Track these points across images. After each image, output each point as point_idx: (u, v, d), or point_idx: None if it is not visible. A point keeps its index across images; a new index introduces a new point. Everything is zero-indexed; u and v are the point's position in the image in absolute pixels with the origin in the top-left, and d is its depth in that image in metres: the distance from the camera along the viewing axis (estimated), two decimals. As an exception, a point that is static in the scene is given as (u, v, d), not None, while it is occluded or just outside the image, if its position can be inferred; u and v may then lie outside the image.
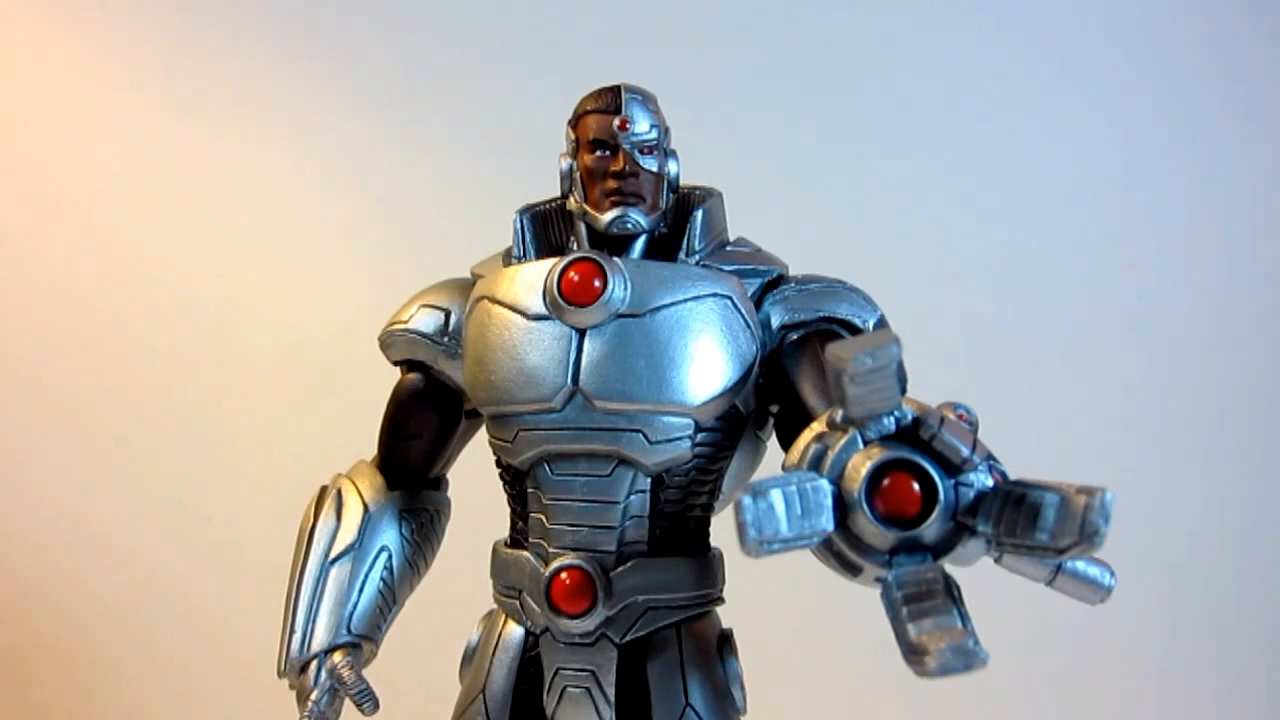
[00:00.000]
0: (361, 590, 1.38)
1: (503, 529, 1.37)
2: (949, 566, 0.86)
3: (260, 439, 2.74)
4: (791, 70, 2.80)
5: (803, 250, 1.38)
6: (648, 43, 2.77)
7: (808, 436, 0.93)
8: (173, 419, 2.77)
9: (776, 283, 1.32)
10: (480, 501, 1.50)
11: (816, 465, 0.89)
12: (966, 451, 0.85)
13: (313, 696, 1.31)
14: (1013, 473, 0.88)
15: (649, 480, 1.23)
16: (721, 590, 1.34)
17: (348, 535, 1.40)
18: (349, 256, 2.81)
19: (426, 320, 1.39)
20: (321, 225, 2.84)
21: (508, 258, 1.35)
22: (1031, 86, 2.79)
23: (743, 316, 1.25)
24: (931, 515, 0.84)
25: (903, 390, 0.87)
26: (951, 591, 0.82)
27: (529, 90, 2.66)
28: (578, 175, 1.31)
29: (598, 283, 1.22)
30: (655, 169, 1.30)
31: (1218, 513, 2.68)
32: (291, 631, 1.35)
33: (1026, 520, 0.81)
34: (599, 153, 1.30)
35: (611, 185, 1.28)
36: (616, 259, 1.25)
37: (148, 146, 2.85)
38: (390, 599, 1.41)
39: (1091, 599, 1.07)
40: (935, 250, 2.72)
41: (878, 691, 2.42)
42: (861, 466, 0.86)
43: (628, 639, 1.24)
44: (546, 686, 1.26)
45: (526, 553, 1.28)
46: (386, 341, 1.44)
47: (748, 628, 1.35)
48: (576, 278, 1.22)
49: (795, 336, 1.28)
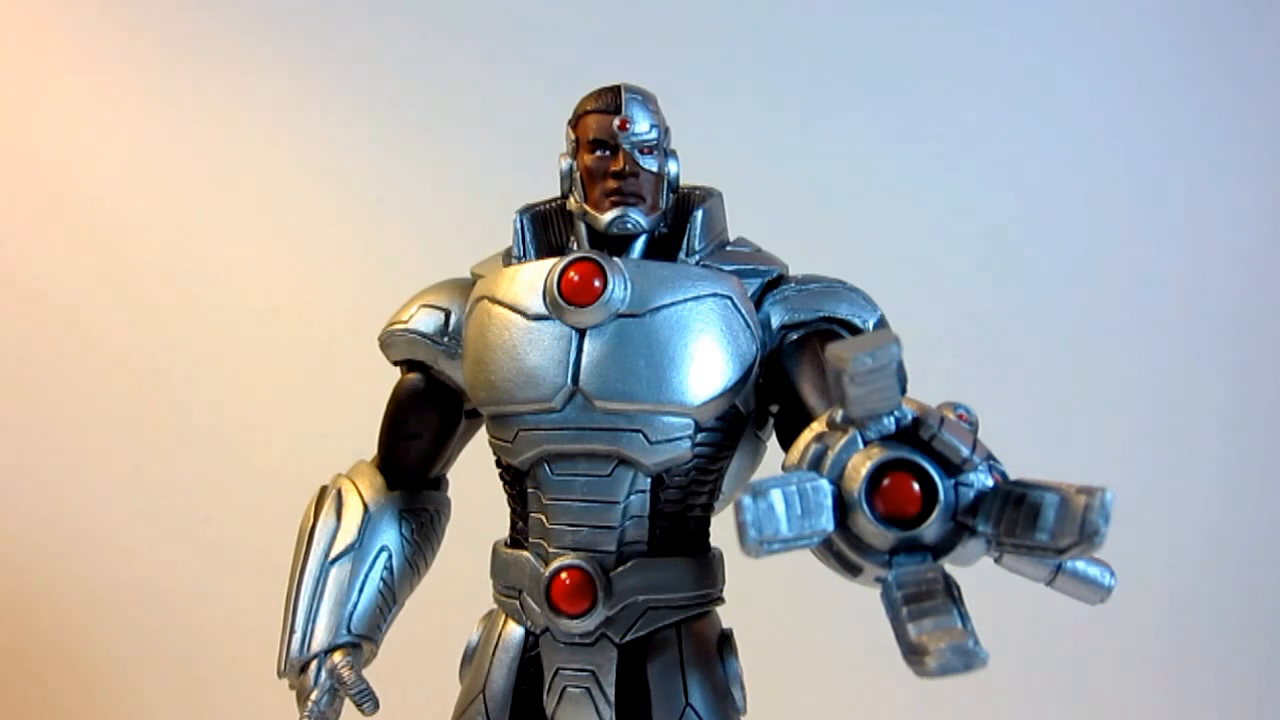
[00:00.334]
0: (361, 590, 1.38)
1: (503, 529, 1.37)
2: (949, 566, 0.86)
3: (260, 439, 2.74)
4: (791, 70, 2.80)
5: (803, 250, 1.38)
6: (648, 43, 2.77)
7: (808, 436, 0.93)
8: (173, 419, 2.77)
9: (776, 283, 1.32)
10: (480, 501, 1.50)
11: (816, 465, 0.89)
12: (966, 451, 0.85)
13: (313, 696, 1.31)
14: (1013, 473, 0.88)
15: (649, 480, 1.23)
16: (721, 590, 1.34)
17: (348, 535, 1.40)
18: (349, 256, 2.81)
19: (426, 320, 1.39)
20: (322, 225, 2.84)
21: (508, 258, 1.35)
22: (1032, 87, 2.79)
23: (743, 316, 1.25)
24: (931, 515, 0.84)
25: (903, 390, 0.86)
26: (951, 591, 0.82)
27: (529, 90, 2.66)
28: (578, 175, 1.31)
29: (598, 283, 1.21)
30: (655, 169, 1.30)
31: (1218, 512, 2.68)
32: (291, 631, 1.35)
33: (1026, 520, 0.81)
34: (599, 153, 1.30)
35: (611, 185, 1.28)
36: (616, 259, 1.25)
37: (148, 146, 2.85)
38: (390, 599, 1.41)
39: (1091, 599, 1.07)
40: (935, 250, 2.72)
41: (878, 691, 2.42)
42: (861, 466, 0.86)
43: (628, 639, 1.24)
44: (546, 686, 1.26)
45: (526, 553, 1.28)
46: (386, 341, 1.44)
47: (748, 628, 1.35)
48: (576, 278, 1.22)
49: (795, 336, 1.28)
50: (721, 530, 1.25)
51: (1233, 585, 2.68)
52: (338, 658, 1.33)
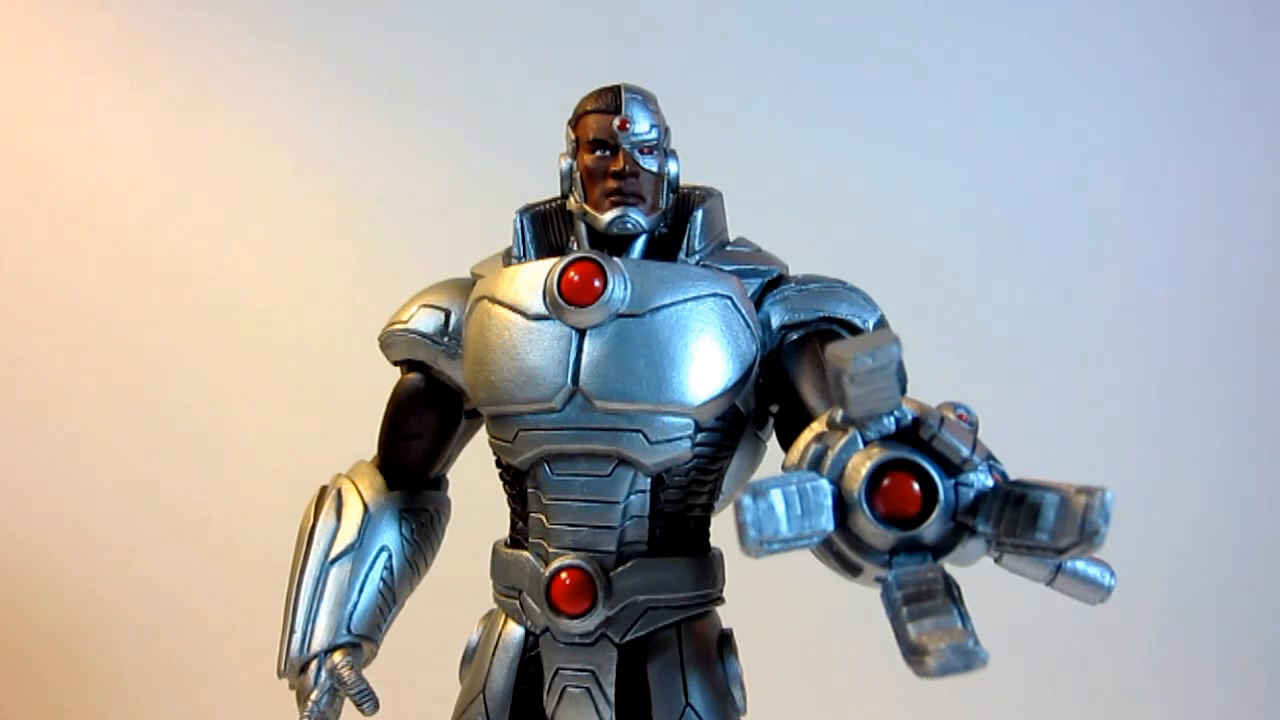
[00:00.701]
0: (361, 590, 1.38)
1: (503, 529, 1.37)
2: (949, 566, 0.86)
3: (260, 439, 2.74)
4: (791, 70, 2.80)
5: (803, 250, 1.38)
6: (648, 42, 2.77)
7: (808, 436, 0.93)
8: (173, 418, 2.77)
9: (776, 283, 1.32)
10: (480, 501, 1.50)
11: (816, 465, 0.89)
12: (966, 451, 0.85)
13: (313, 696, 1.31)
14: (1013, 473, 0.88)
15: (649, 480, 1.23)
16: (721, 590, 1.34)
17: (348, 535, 1.40)
18: (349, 256, 2.81)
19: (426, 320, 1.39)
20: (322, 225, 2.84)
21: (508, 258, 1.35)
22: (1033, 87, 2.79)
23: (743, 316, 1.25)
24: (931, 515, 0.84)
25: (903, 390, 0.86)
26: (951, 591, 0.82)
27: (529, 90, 2.66)
28: (578, 175, 1.31)
29: (598, 283, 1.21)
30: (655, 169, 1.30)
31: (1218, 512, 2.68)
32: (291, 631, 1.35)
33: (1026, 520, 0.81)
34: (599, 153, 1.30)
35: (611, 185, 1.28)
36: (616, 259, 1.25)
37: (147, 146, 2.85)
38: (390, 599, 1.41)
39: (1091, 599, 1.07)
40: (935, 250, 2.72)
41: (878, 691, 2.41)
42: (861, 466, 0.86)
43: (628, 639, 1.24)
44: (546, 686, 1.26)
45: (526, 553, 1.28)
46: (386, 341, 1.44)
47: (748, 628, 1.35)
48: (576, 278, 1.22)
49: (795, 336, 1.28)
50: (721, 530, 1.25)
51: (1233, 585, 2.68)
52: (338, 658, 1.33)
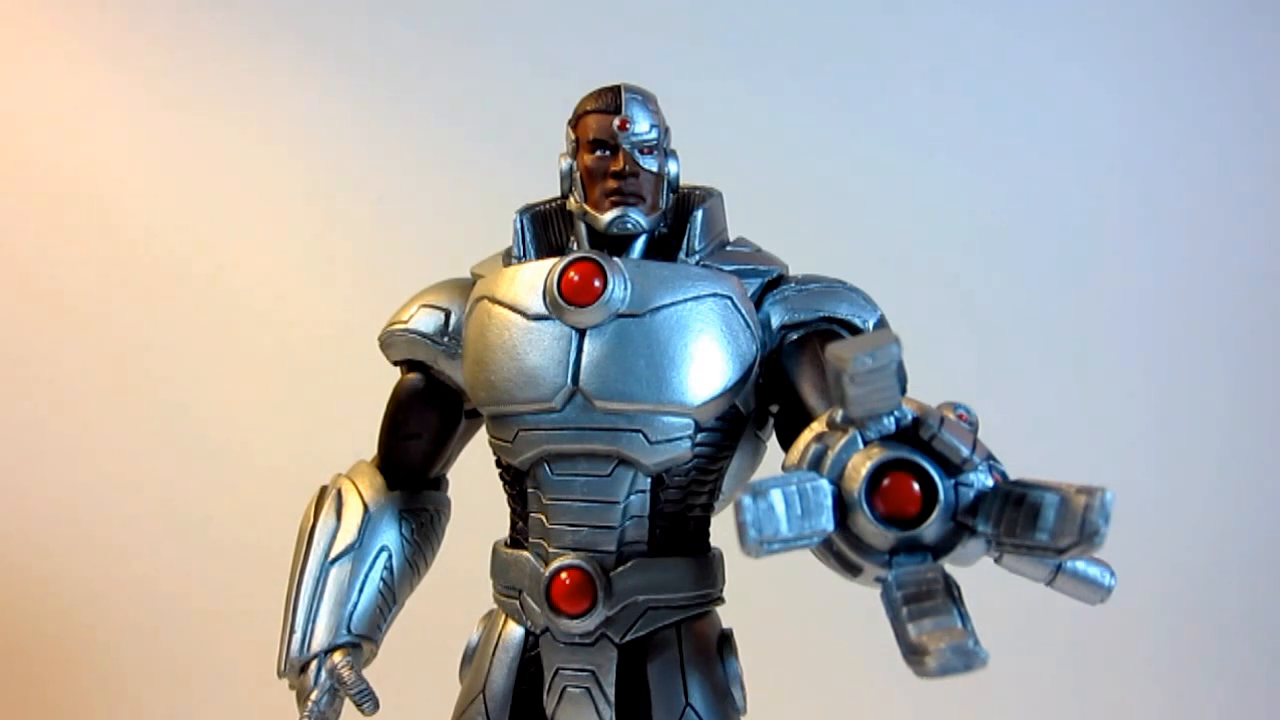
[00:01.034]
0: (361, 590, 1.38)
1: (503, 529, 1.37)
2: (949, 566, 0.86)
3: (260, 439, 2.74)
4: (792, 69, 2.80)
5: (803, 250, 1.38)
6: (648, 42, 2.77)
7: (808, 436, 0.93)
8: (173, 418, 2.77)
9: (776, 283, 1.32)
10: (480, 501, 1.50)
11: (816, 465, 0.89)
12: (966, 451, 0.85)
13: (313, 696, 1.31)
14: (1013, 473, 0.88)
15: (649, 480, 1.23)
16: (721, 590, 1.34)
17: (348, 535, 1.40)
18: (349, 256, 2.81)
19: (426, 320, 1.39)
20: (322, 225, 2.84)
21: (508, 258, 1.35)
22: (1034, 86, 2.79)
23: (743, 316, 1.25)
24: (931, 515, 0.84)
25: (903, 390, 0.86)
26: (951, 591, 0.82)
27: (529, 90, 2.66)
28: (578, 175, 1.31)
29: (598, 283, 1.21)
30: (655, 169, 1.30)
31: (1218, 512, 2.68)
32: (291, 631, 1.35)
33: (1026, 520, 0.81)
34: (599, 153, 1.30)
35: (611, 185, 1.28)
36: (616, 259, 1.25)
37: (148, 146, 2.85)
38: (390, 599, 1.41)
39: (1091, 599, 1.07)
40: (935, 249, 2.72)
41: (878, 691, 2.41)
42: (861, 466, 0.86)
43: (628, 639, 1.24)
44: (546, 686, 1.26)
45: (526, 553, 1.28)
46: (386, 341, 1.44)
47: (748, 628, 1.35)
48: (576, 278, 1.22)
49: (795, 336, 1.28)
50: (721, 530, 1.25)
51: (1233, 585, 2.67)
52: (338, 658, 1.33)
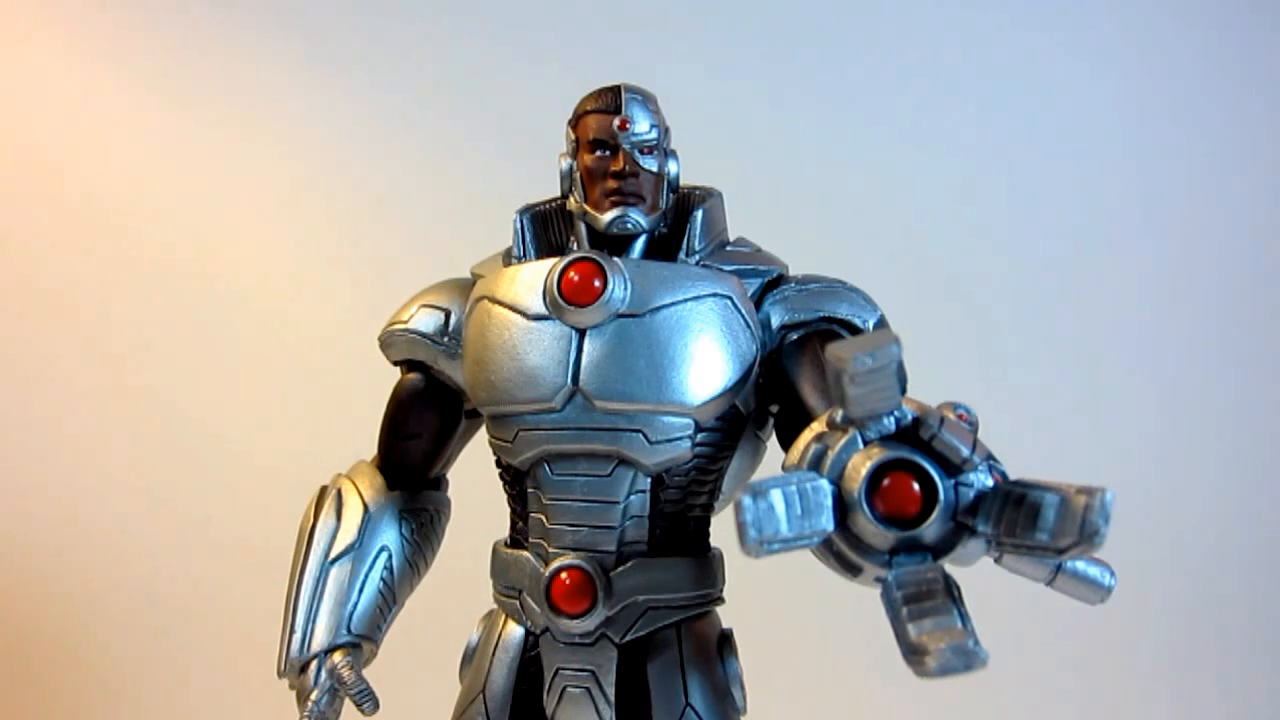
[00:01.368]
0: (361, 590, 1.38)
1: (503, 529, 1.37)
2: (949, 566, 0.86)
3: (260, 438, 2.74)
4: (792, 69, 2.80)
5: (803, 250, 1.38)
6: (648, 41, 2.77)
7: (808, 436, 0.93)
8: (173, 418, 2.77)
9: (776, 283, 1.32)
10: (480, 501, 1.50)
11: (816, 465, 0.89)
12: (966, 451, 0.85)
13: (313, 696, 1.31)
14: (1013, 473, 0.88)
15: (649, 480, 1.23)
16: (721, 590, 1.34)
17: (348, 535, 1.40)
18: (349, 256, 2.81)
19: (426, 320, 1.39)
20: (322, 225, 2.84)
21: (508, 258, 1.35)
22: (1035, 86, 2.80)
23: (743, 316, 1.25)
24: (931, 515, 0.84)
25: (903, 390, 0.86)
26: (951, 591, 0.82)
27: (530, 90, 2.66)
28: (578, 175, 1.31)
29: (598, 283, 1.21)
30: (655, 169, 1.30)
31: (1218, 512, 2.68)
32: (291, 631, 1.35)
33: (1026, 520, 0.81)
34: (599, 153, 1.30)
35: (611, 185, 1.28)
36: (616, 259, 1.25)
37: (149, 146, 2.85)
38: (390, 599, 1.41)
39: (1091, 599, 1.07)
40: (936, 249, 2.72)
41: (878, 691, 2.41)
42: (861, 466, 0.86)
43: (628, 639, 1.24)
44: (546, 686, 1.26)
45: (526, 553, 1.28)
46: (386, 341, 1.44)
47: (748, 628, 1.35)
48: (576, 278, 1.22)
49: (795, 336, 1.27)
50: (721, 530, 1.25)
51: (1234, 585, 2.67)
52: (338, 658, 1.33)
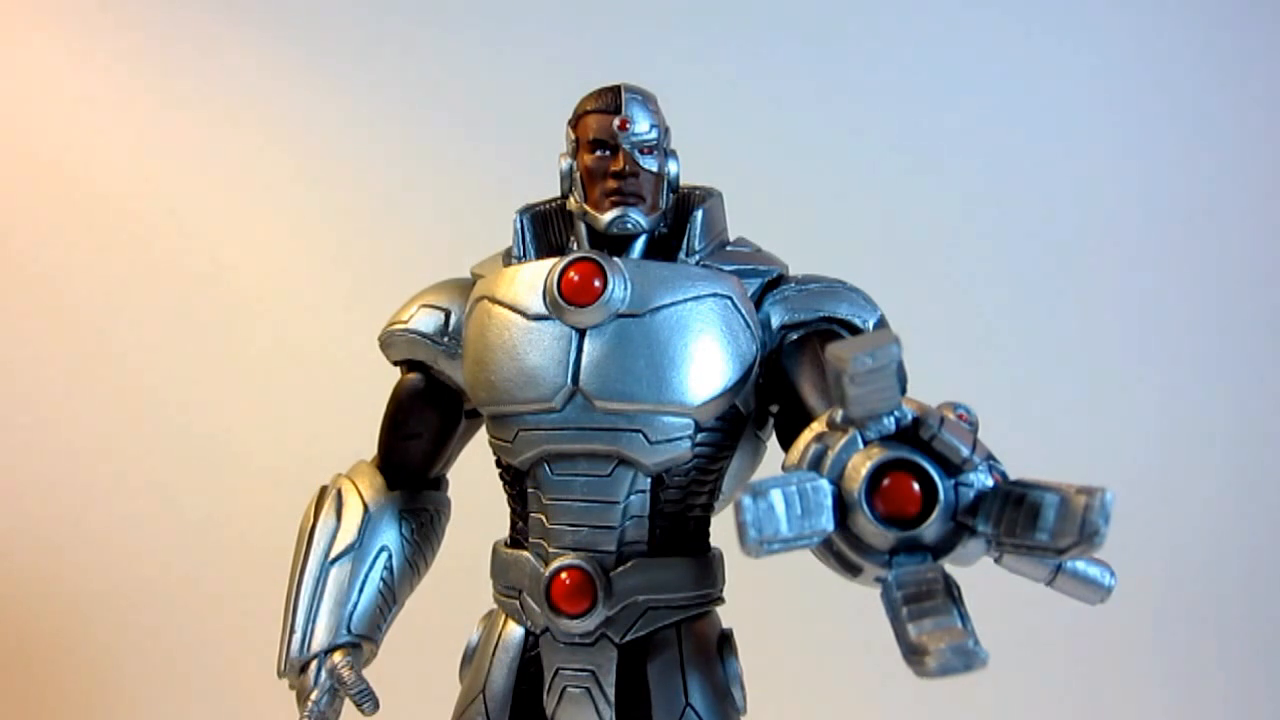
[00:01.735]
0: (361, 590, 1.38)
1: (503, 529, 1.37)
2: (949, 566, 0.86)
3: (260, 438, 2.74)
4: (793, 69, 2.80)
5: (803, 250, 1.38)
6: (648, 41, 2.77)
7: (808, 436, 0.93)
8: (173, 418, 2.77)
9: (776, 283, 1.31)
10: (480, 501, 1.50)
11: (816, 465, 0.89)
12: (966, 451, 0.85)
13: (313, 696, 1.31)
14: (1013, 473, 0.88)
15: (649, 480, 1.23)
16: (721, 590, 1.34)
17: (348, 535, 1.40)
18: (349, 256, 2.81)
19: (426, 320, 1.39)
20: (322, 225, 2.84)
21: (508, 258, 1.35)
22: (1036, 86, 2.80)
23: (743, 316, 1.25)
24: (931, 515, 0.84)
25: (903, 390, 0.86)
26: (951, 591, 0.82)
27: (530, 90, 2.66)
28: (578, 175, 1.31)
29: (598, 283, 1.21)
30: (655, 169, 1.30)
31: (1218, 512, 2.68)
32: (291, 631, 1.35)
33: (1026, 520, 0.81)
34: (599, 153, 1.30)
35: (611, 185, 1.28)
36: (616, 259, 1.25)
37: (149, 147, 2.85)
38: (390, 599, 1.41)
39: (1091, 599, 1.07)
40: (936, 250, 2.72)
41: (878, 691, 2.41)
42: (861, 466, 0.85)
43: (628, 639, 1.24)
44: (546, 686, 1.26)
45: (526, 553, 1.28)
46: (386, 341, 1.44)
47: (748, 628, 1.35)
48: (576, 278, 1.22)
49: (795, 336, 1.27)
50: (721, 530, 1.25)
51: (1234, 585, 2.67)
52: (338, 658, 1.33)
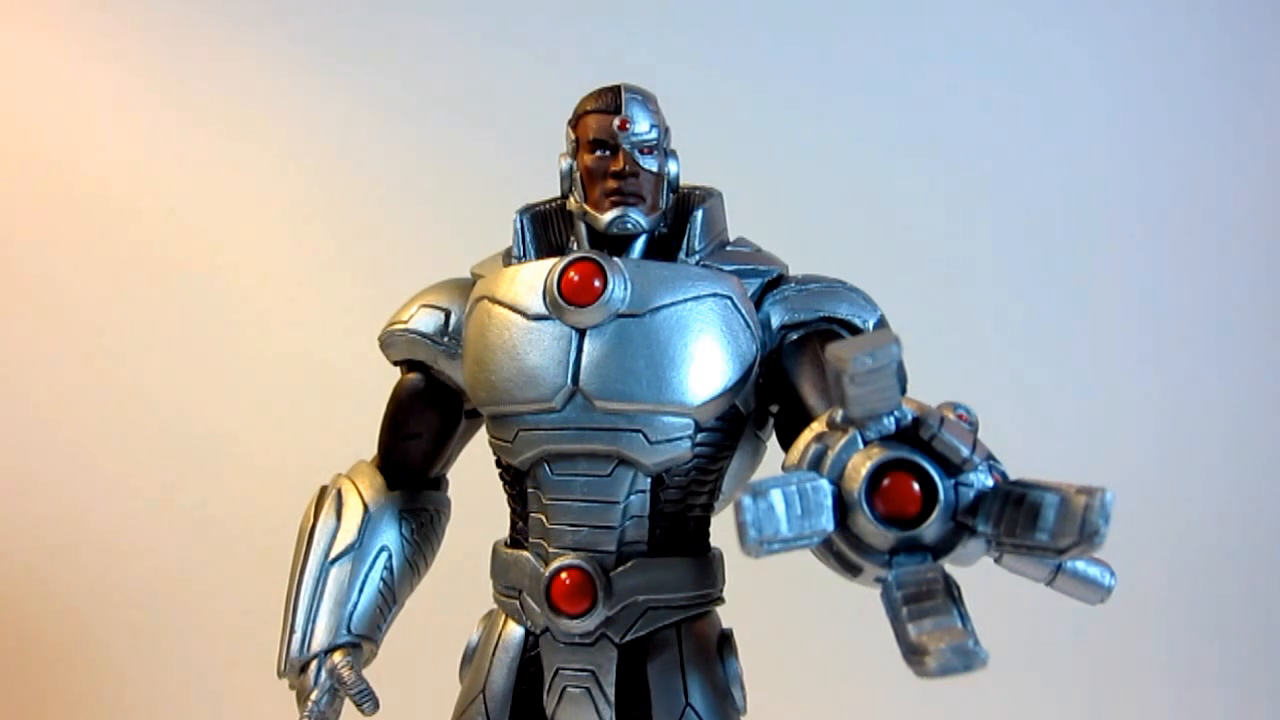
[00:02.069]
0: (361, 590, 1.38)
1: (503, 529, 1.37)
2: (949, 566, 0.86)
3: (260, 438, 2.74)
4: (792, 70, 2.80)
5: (803, 250, 1.38)
6: (648, 41, 2.77)
7: (808, 436, 0.93)
8: (172, 418, 2.77)
9: (776, 283, 1.32)
10: (480, 501, 1.50)
11: (816, 465, 0.89)
12: (966, 451, 0.85)
13: (313, 696, 1.31)
14: (1013, 473, 0.88)
15: (649, 480, 1.23)
16: (721, 590, 1.34)
17: (348, 535, 1.40)
18: (349, 256, 2.81)
19: (426, 320, 1.39)
20: (322, 225, 2.84)
21: (508, 258, 1.35)
22: (1036, 85, 2.79)
23: (743, 316, 1.25)
24: (931, 515, 0.84)
25: (903, 390, 0.86)
26: (951, 591, 0.82)
27: (530, 90, 2.66)
28: (578, 175, 1.31)
29: (598, 283, 1.22)
30: (655, 169, 1.30)
31: (1218, 512, 2.68)
32: (291, 631, 1.35)
33: (1026, 520, 0.81)
34: (599, 153, 1.30)
35: (611, 185, 1.28)
36: (616, 259, 1.25)
37: (149, 147, 2.84)
38: (390, 599, 1.41)
39: (1091, 599, 1.07)
40: (936, 250, 2.72)
41: (878, 691, 2.41)
42: (861, 466, 0.86)
43: (628, 639, 1.24)
44: (546, 686, 1.26)
45: (526, 553, 1.28)
46: (386, 341, 1.44)
47: (748, 628, 1.35)
48: (576, 278, 1.22)
49: (795, 336, 1.28)
50: (721, 530, 1.25)
51: (1234, 585, 2.67)
52: (338, 658, 1.33)
